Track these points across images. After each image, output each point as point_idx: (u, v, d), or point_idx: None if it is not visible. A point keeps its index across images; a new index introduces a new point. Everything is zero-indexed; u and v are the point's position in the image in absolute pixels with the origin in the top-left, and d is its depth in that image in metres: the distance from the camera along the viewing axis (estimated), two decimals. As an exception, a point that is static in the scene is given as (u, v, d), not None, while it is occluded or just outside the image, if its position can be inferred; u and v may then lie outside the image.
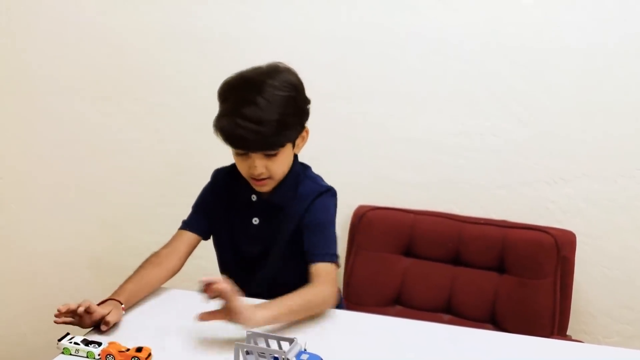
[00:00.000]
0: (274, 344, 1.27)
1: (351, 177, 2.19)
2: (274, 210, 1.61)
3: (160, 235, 1.67)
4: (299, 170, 1.64)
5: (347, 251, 2.16)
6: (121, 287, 1.52)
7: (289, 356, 1.20)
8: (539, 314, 1.93)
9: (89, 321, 1.38)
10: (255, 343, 1.27)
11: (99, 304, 1.43)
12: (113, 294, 1.49)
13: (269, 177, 1.53)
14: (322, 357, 1.24)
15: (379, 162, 2.18)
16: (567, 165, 2.06)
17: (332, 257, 1.57)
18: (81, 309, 1.36)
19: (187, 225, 1.67)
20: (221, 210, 1.66)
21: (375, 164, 2.18)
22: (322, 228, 1.61)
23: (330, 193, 1.65)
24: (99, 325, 1.39)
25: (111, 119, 2.35)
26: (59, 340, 1.34)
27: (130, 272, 1.57)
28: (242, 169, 1.54)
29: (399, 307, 2.07)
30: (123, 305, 1.46)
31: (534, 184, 2.09)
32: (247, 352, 1.24)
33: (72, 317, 1.38)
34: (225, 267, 1.72)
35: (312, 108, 2.14)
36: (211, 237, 1.71)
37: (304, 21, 2.16)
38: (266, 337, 1.28)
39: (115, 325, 1.42)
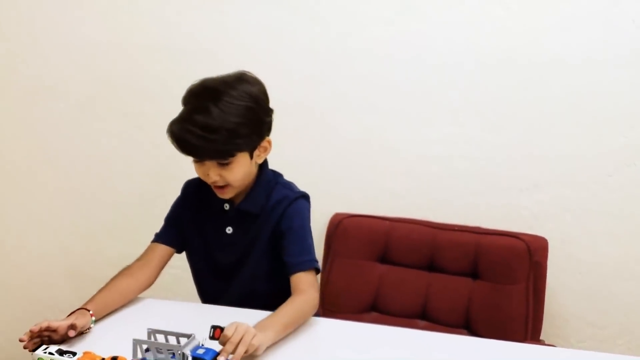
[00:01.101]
0: (172, 340, 1.29)
1: (327, 185, 2.21)
2: (247, 219, 1.61)
3: (140, 246, 1.67)
4: (270, 177, 1.64)
5: (323, 259, 2.17)
6: (93, 297, 1.52)
7: (184, 350, 1.22)
8: (513, 319, 1.96)
9: (58, 336, 1.37)
10: (155, 339, 1.29)
11: (68, 315, 1.44)
12: (83, 304, 1.49)
13: (227, 185, 1.52)
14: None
15: (355, 170, 2.20)
16: (539, 172, 2.09)
17: (312, 263, 1.59)
18: (42, 330, 1.35)
19: (159, 238, 1.67)
20: (193, 221, 1.66)
21: (352, 172, 2.20)
22: (299, 234, 1.61)
23: (304, 198, 1.66)
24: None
25: (92, 128, 2.34)
26: (33, 350, 1.33)
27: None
28: (199, 174, 1.54)
29: (375, 314, 2.09)
30: (91, 312, 1.45)
31: (507, 190, 2.12)
32: (147, 350, 1.26)
33: (41, 338, 1.37)
34: (200, 278, 1.72)
35: (290, 115, 2.17)
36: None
37: (287, 30, 2.18)
38: (165, 333, 1.30)
39: (89, 334, 1.42)
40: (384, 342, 1.49)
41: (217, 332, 1.30)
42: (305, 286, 1.53)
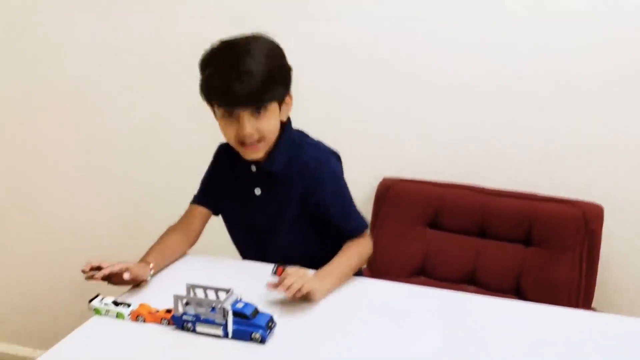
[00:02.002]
0: (211, 294, 1.32)
1: (377, 149, 2.20)
2: (274, 180, 1.60)
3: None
4: (295, 137, 1.62)
5: (371, 223, 2.17)
6: (149, 252, 1.56)
7: (224, 305, 1.24)
8: (564, 286, 1.92)
9: (115, 278, 1.42)
10: (194, 294, 1.31)
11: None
12: (143, 257, 1.53)
13: (260, 140, 1.51)
14: (270, 312, 1.29)
15: (406, 134, 2.18)
16: (596, 137, 2.03)
17: (362, 227, 1.64)
18: (100, 266, 1.41)
19: (197, 200, 1.70)
20: (225, 185, 1.67)
21: (402, 135, 2.18)
22: (342, 198, 1.62)
23: (335, 157, 1.65)
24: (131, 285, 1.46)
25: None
26: (90, 301, 1.37)
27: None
28: (230, 135, 1.51)
29: (423, 278, 2.08)
30: (152, 265, 1.50)
31: (562, 156, 2.07)
32: (187, 303, 1.28)
33: (100, 277, 1.41)
34: (237, 242, 1.74)
35: (341, 75, 2.16)
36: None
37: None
38: (204, 287, 1.32)
39: (145, 285, 1.47)
40: (432, 305, 1.48)
41: (279, 270, 1.43)
42: (362, 240, 1.63)
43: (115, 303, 1.36)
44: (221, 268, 1.63)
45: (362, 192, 2.20)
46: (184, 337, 1.27)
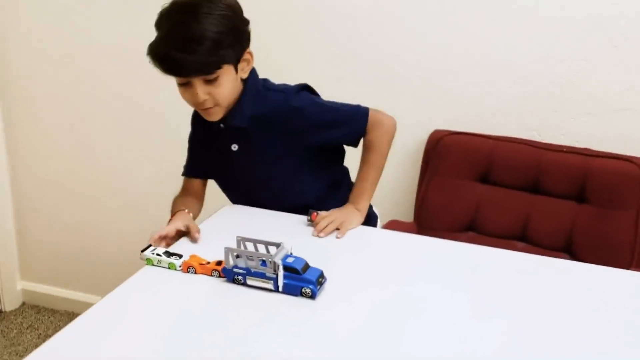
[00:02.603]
0: (262, 248, 1.32)
1: (428, 101, 2.15)
2: (245, 134, 1.58)
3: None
4: (260, 87, 1.57)
5: (420, 176, 2.15)
6: (173, 207, 1.62)
7: (275, 259, 1.25)
8: (618, 245, 1.88)
9: (172, 242, 1.47)
10: (244, 247, 1.32)
11: (169, 222, 1.52)
12: (174, 209, 1.59)
13: (216, 105, 1.48)
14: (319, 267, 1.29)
15: (458, 86, 2.12)
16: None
17: (364, 115, 1.61)
18: (161, 238, 1.45)
19: (186, 172, 1.71)
20: (206, 147, 1.66)
21: (454, 87, 2.13)
22: (330, 116, 1.59)
23: (302, 91, 1.60)
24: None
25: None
26: (142, 251, 1.39)
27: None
28: (188, 100, 1.49)
29: (471, 234, 2.06)
30: (187, 210, 1.56)
31: (621, 111, 1.99)
32: (237, 256, 1.28)
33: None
34: (236, 201, 1.73)
35: (392, 28, 2.11)
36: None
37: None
38: (254, 241, 1.32)
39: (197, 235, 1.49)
40: (479, 262, 1.47)
41: (313, 215, 1.57)
42: (374, 129, 1.62)
43: (168, 254, 1.38)
44: (269, 220, 1.64)
45: (411, 144, 2.18)
46: (234, 290, 1.28)
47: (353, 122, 1.62)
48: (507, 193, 2.03)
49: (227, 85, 1.47)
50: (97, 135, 2.55)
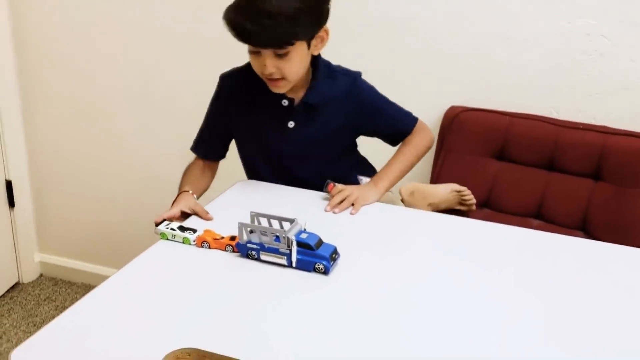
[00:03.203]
0: (275, 224, 1.33)
1: (444, 77, 2.13)
2: (313, 112, 1.58)
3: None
4: (328, 66, 1.60)
5: (435, 153, 2.13)
6: (183, 184, 1.62)
7: (289, 235, 1.25)
8: (635, 224, 1.86)
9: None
10: (258, 222, 1.32)
11: (172, 203, 1.53)
12: (180, 189, 1.59)
13: (282, 78, 1.48)
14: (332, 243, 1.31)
15: (474, 62, 2.10)
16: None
17: (413, 119, 1.71)
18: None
19: (202, 154, 1.70)
20: (241, 117, 1.62)
21: (470, 63, 2.10)
22: (383, 106, 1.66)
23: (361, 76, 1.65)
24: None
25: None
26: (157, 225, 1.41)
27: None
28: (255, 67, 1.49)
29: (487, 210, 2.05)
30: (191, 192, 1.56)
31: (638, 88, 1.96)
32: (251, 231, 1.29)
33: None
34: (268, 176, 1.70)
35: (409, 3, 2.08)
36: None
37: None
38: (268, 217, 1.33)
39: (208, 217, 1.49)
40: (494, 239, 1.46)
41: (330, 186, 1.58)
42: (417, 134, 1.70)
43: (182, 228, 1.39)
44: (283, 196, 1.64)
45: (427, 121, 2.14)
46: (248, 265, 1.29)
47: (404, 120, 1.70)
48: (523, 170, 2.01)
49: (296, 60, 1.46)
50: (113, 109, 2.56)
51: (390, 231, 1.49)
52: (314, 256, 1.26)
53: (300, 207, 1.55)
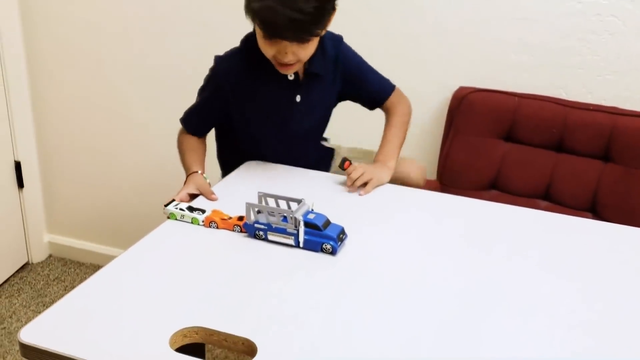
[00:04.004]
0: (283, 204, 1.33)
1: (452, 58, 2.12)
2: (315, 83, 1.61)
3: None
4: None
5: (443, 134, 2.13)
6: (188, 163, 1.61)
7: (296, 215, 1.26)
8: (643, 206, 1.86)
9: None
10: (266, 203, 1.32)
11: (184, 184, 1.53)
12: (188, 172, 1.58)
13: (298, 62, 1.49)
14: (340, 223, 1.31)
15: (483, 42, 2.08)
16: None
17: (392, 85, 1.74)
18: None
19: (192, 131, 1.68)
20: (244, 100, 1.60)
21: (479, 44, 2.09)
22: (366, 70, 1.70)
23: (342, 39, 1.67)
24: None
25: None
26: (165, 205, 1.41)
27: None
28: (268, 52, 1.48)
29: (494, 192, 2.05)
30: (200, 172, 1.56)
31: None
32: (259, 212, 1.29)
33: None
34: (270, 156, 1.69)
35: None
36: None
37: None
38: (276, 197, 1.33)
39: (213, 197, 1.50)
40: (502, 220, 1.46)
41: (346, 164, 1.58)
42: (397, 100, 1.74)
43: (190, 208, 1.39)
44: (290, 176, 1.64)
45: (435, 101, 2.15)
46: (255, 245, 1.30)
47: (384, 85, 1.74)
48: (531, 151, 2.00)
49: (313, 45, 1.49)
50: (122, 91, 2.56)
51: (397, 211, 1.49)
52: (321, 236, 1.26)
53: (308, 188, 1.55)
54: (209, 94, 1.65)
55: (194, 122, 1.69)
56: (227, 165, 1.72)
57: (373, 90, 1.73)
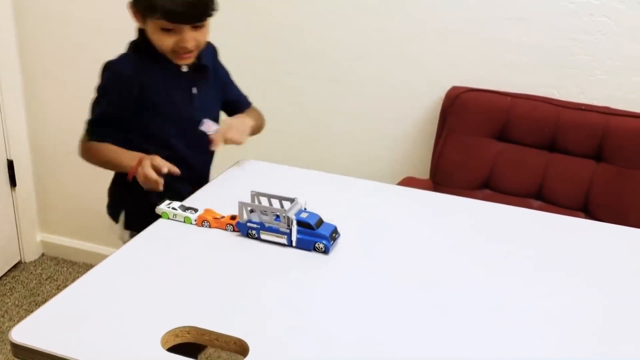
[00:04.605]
0: (275, 203, 1.33)
1: (445, 57, 2.12)
2: (203, 75, 1.64)
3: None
4: None
5: (436, 133, 2.13)
6: (123, 158, 1.56)
7: (289, 214, 1.26)
8: (636, 205, 1.87)
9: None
10: (259, 202, 1.33)
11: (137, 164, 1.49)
12: (131, 161, 1.52)
13: (197, 48, 1.55)
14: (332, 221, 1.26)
15: (476, 42, 2.08)
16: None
17: (249, 100, 1.81)
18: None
19: (106, 138, 1.61)
20: (147, 97, 1.57)
21: (472, 44, 2.09)
22: (232, 80, 1.78)
23: None
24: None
25: None
26: (158, 204, 1.41)
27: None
28: (167, 44, 1.52)
29: (487, 191, 2.05)
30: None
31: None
32: (251, 211, 1.29)
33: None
34: (176, 149, 1.62)
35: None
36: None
37: None
38: (269, 196, 1.34)
39: (207, 193, 1.49)
40: (495, 220, 1.47)
41: (206, 125, 1.58)
42: (257, 109, 1.79)
43: (183, 207, 1.39)
44: (283, 175, 1.64)
45: (428, 101, 2.16)
46: (248, 244, 1.29)
47: (244, 96, 1.81)
48: (524, 151, 2.01)
49: (207, 31, 1.56)
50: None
51: (391, 210, 1.49)
52: (314, 235, 1.26)
53: (300, 187, 1.54)
54: (114, 98, 1.60)
55: (109, 131, 1.61)
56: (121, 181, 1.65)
57: (240, 94, 1.79)
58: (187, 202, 1.45)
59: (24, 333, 1.00)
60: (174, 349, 0.99)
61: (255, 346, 0.99)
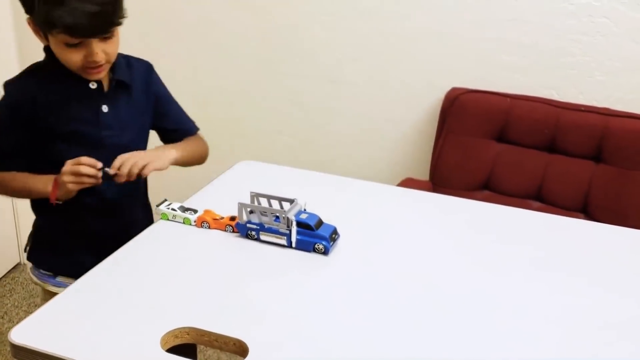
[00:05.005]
0: (275, 204, 1.33)
1: (445, 59, 2.12)
2: (121, 92, 1.51)
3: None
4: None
5: (436, 134, 2.13)
6: (35, 181, 1.47)
7: (288, 215, 1.25)
8: (636, 206, 1.87)
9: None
10: (258, 203, 1.33)
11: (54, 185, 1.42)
12: (46, 181, 1.44)
13: (107, 62, 1.43)
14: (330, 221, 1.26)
15: (476, 44, 2.09)
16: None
17: (195, 126, 1.67)
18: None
19: (13, 168, 1.50)
20: (49, 118, 1.47)
21: (472, 45, 2.09)
22: (173, 100, 1.64)
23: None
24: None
25: None
26: (157, 205, 1.41)
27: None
28: (75, 60, 1.40)
29: (487, 192, 2.05)
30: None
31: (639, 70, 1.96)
32: (251, 212, 1.29)
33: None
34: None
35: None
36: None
37: None
38: (268, 197, 1.33)
39: (207, 193, 1.49)
40: (494, 221, 1.46)
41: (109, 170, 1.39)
42: (201, 137, 1.65)
43: (182, 208, 1.39)
44: (283, 176, 1.64)
45: (428, 102, 2.16)
46: (248, 245, 1.29)
47: (189, 122, 1.67)
48: (523, 152, 2.01)
49: (117, 40, 1.44)
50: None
51: (390, 211, 1.49)
52: (313, 236, 1.26)
53: (300, 188, 1.54)
54: (8, 124, 1.50)
55: (7, 162, 1.51)
56: (40, 206, 1.56)
57: (178, 124, 1.64)
58: (187, 203, 1.45)
59: (24, 334, 1.00)
60: (173, 350, 0.99)
61: (254, 347, 0.99)
